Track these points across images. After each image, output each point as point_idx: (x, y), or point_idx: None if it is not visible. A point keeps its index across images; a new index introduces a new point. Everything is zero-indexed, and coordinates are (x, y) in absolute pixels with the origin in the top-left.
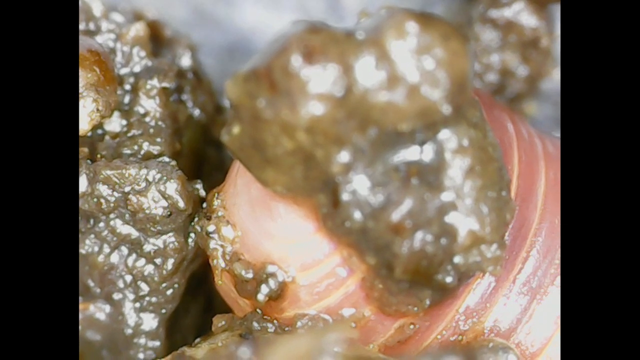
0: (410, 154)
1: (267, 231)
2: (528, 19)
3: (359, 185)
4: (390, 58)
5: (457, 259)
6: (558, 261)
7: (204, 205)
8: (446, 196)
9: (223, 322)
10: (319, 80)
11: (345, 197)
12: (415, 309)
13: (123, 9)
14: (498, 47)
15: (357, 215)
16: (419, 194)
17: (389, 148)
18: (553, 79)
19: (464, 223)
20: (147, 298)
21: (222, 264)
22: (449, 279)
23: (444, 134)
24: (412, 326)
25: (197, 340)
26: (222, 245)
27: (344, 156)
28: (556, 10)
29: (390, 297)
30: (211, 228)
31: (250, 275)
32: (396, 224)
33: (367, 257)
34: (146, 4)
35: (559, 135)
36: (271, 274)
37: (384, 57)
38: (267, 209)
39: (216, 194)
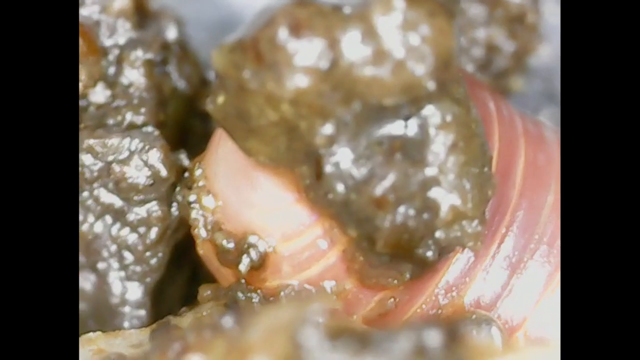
0: (394, 128)
1: (247, 200)
2: None
3: (343, 158)
4: (377, 33)
5: (438, 234)
6: (537, 236)
7: (186, 174)
8: (429, 171)
9: (209, 292)
10: (305, 53)
11: (328, 169)
12: (396, 281)
13: None
14: (484, 22)
15: (340, 187)
16: (402, 168)
17: (373, 122)
18: (539, 55)
19: (446, 198)
20: (131, 267)
21: (204, 234)
22: (429, 254)
23: (428, 110)
24: (392, 299)
25: (183, 309)
26: (203, 215)
27: (327, 129)
28: None
29: (371, 269)
30: (192, 198)
31: (231, 245)
32: (379, 197)
33: (349, 230)
34: None
35: (541, 117)
36: (252, 244)
37: (370, 32)
38: (248, 178)
39: (197, 164)
